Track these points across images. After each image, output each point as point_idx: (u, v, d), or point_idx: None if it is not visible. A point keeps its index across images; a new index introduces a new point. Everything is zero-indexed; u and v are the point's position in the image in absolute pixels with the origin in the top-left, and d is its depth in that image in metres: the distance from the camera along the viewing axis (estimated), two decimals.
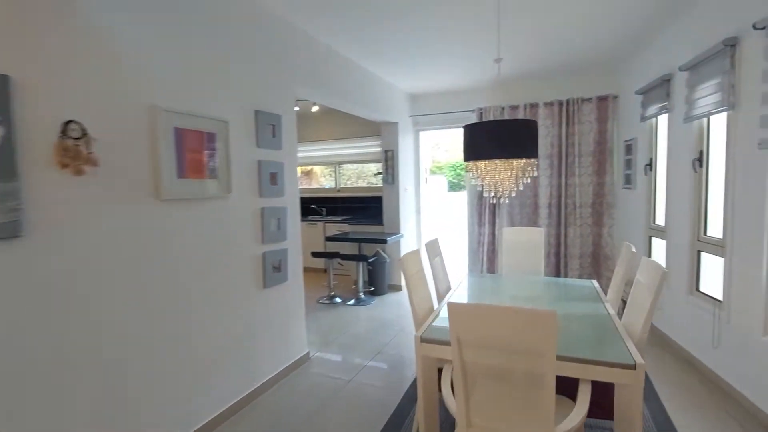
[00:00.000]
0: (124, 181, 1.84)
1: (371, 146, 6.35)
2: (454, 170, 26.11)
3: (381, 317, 4.15)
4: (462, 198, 5.91)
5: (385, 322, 3.98)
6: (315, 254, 4.76)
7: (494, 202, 2.08)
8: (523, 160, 2.00)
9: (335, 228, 6.09)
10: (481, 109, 4.91)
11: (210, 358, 2.27)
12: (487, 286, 2.78)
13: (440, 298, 2.52)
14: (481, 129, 2.05)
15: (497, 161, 2.02)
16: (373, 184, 6.74)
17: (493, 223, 4.98)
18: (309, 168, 7.28)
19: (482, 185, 2.18)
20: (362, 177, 8.17)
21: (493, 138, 1.99)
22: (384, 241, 4.58)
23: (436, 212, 6.09)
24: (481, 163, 2.07)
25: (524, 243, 3.21)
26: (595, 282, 2.67)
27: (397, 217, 5.10)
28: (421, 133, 5.63)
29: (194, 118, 2.15)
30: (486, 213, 4.97)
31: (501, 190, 2.09)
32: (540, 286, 2.68)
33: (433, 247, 2.66)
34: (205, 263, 2.26)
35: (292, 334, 2.98)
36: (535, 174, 2.05)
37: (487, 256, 5.00)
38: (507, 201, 4.85)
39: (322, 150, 6.80)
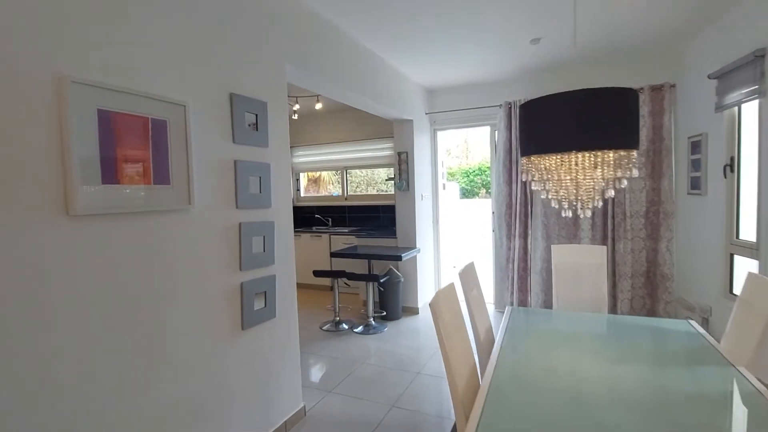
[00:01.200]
0: (7, 189, 1.19)
1: (382, 149, 5.69)
2: (467, 176, 25.49)
3: (395, 351, 3.44)
4: (477, 206, 5.24)
5: (400, 359, 3.27)
6: (318, 273, 4.09)
7: (568, 215, 1.39)
8: (621, 152, 1.30)
9: (342, 241, 5.41)
10: (509, 103, 4.22)
11: None
12: (541, 331, 2.07)
13: (482, 353, 1.82)
14: (551, 106, 1.36)
15: (578, 155, 1.32)
16: (383, 191, 6.08)
17: (525, 236, 4.26)
18: (317, 174, 6.64)
19: (546, 191, 1.48)
20: (372, 184, 7.51)
21: (572, 118, 1.30)
22: (398, 258, 3.89)
23: (450, 223, 5.39)
24: (551, 159, 1.38)
25: (581, 266, 2.49)
26: (694, 324, 1.94)
27: (413, 228, 4.41)
28: (439, 133, 4.96)
29: (132, 98, 1.51)
30: (517, 223, 4.25)
31: (581, 199, 1.39)
32: (615, 332, 1.96)
33: (469, 276, 1.97)
34: (150, 305, 1.59)
35: (283, 386, 2.30)
36: (635, 174, 1.35)
37: (518, 274, 4.27)
38: (543, 211, 4.14)
39: (327, 154, 6.16)
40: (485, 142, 4.74)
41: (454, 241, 5.44)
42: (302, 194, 6.60)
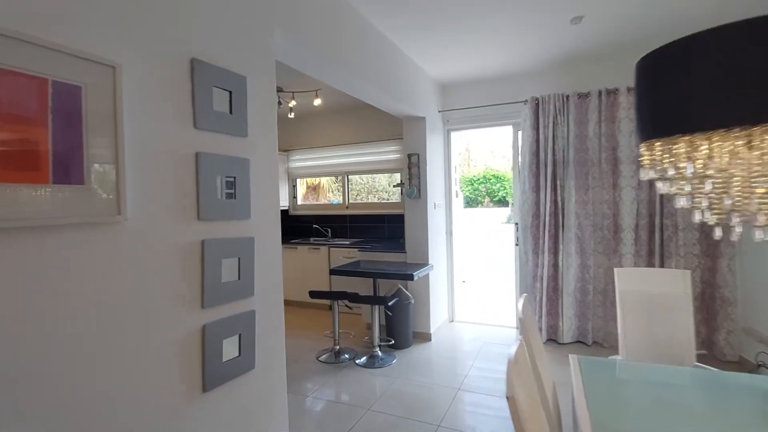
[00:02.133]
0: None
1: (387, 152, 5.13)
2: (472, 184, 24.94)
3: (407, 392, 2.84)
4: (483, 215, 4.64)
5: (413, 404, 2.67)
6: (315, 294, 3.50)
7: (718, 235, 0.82)
8: None
9: (343, 254, 4.83)
10: (536, 98, 3.67)
11: None
12: (626, 400, 1.49)
13: (552, 424, 1.23)
14: (713, 48, 0.79)
15: (742, 132, 0.75)
16: (384, 199, 5.53)
17: (555, 251, 3.68)
18: (317, 181, 6.09)
19: (686, 195, 0.91)
20: (372, 191, 6.95)
21: (734, 70, 0.74)
22: (409, 277, 3.31)
23: (459, 234, 4.81)
24: (709, 141, 0.81)
25: (656, 297, 1.91)
26: None
27: (424, 242, 3.83)
28: (453, 134, 4.41)
29: (18, 47, 0.94)
30: (545, 236, 3.67)
31: (753, 210, 0.82)
32: (730, 404, 1.37)
33: (528, 320, 1.38)
34: (48, 373, 1.01)
35: None
36: None
37: (547, 296, 3.68)
38: (576, 222, 3.56)
39: (327, 158, 5.60)
40: (491, 146, 4.20)
41: (461, 253, 4.88)
42: (299, 202, 6.03)
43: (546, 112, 3.64)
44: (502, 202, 23.87)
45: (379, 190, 7.15)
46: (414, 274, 3.31)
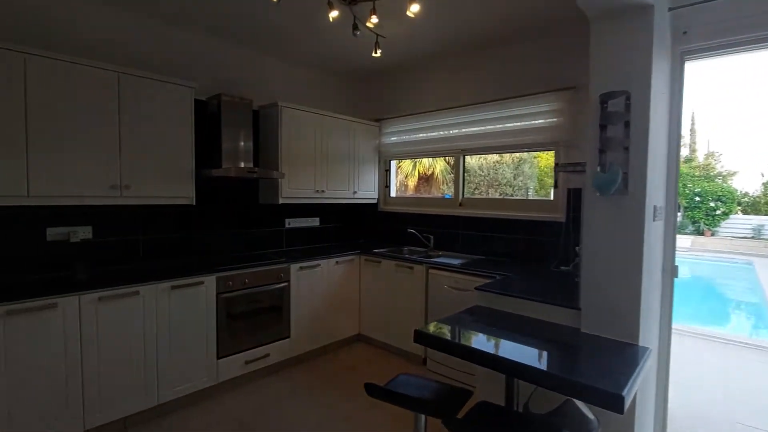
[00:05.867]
0: None
1: (532, 115, 3.04)
2: (704, 185, 12.40)
3: None
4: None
5: None
6: (373, 392, 1.70)
7: None
8: None
9: (449, 282, 2.94)
10: None
11: None
12: None
13: None
14: None
15: None
16: (507, 195, 3.44)
17: None
18: (430, 169, 4.30)
19: None
20: (493, 185, 4.83)
21: None
22: (612, 403, 1.26)
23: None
24: None
25: None
26: None
27: (634, 293, 1.70)
28: (690, 64, 2.12)
29: None
30: None
31: None
32: None
33: None
34: None
35: None
36: None
37: None
38: None
39: (434, 130, 3.73)
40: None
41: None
42: (392, 194, 4.29)
43: None
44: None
45: (502, 183, 5.01)
46: (623, 393, 1.24)
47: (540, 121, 2.98)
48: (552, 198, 2.98)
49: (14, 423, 1.94)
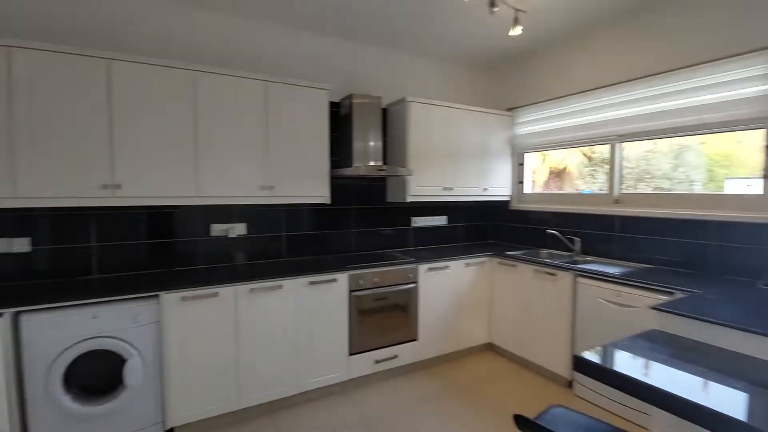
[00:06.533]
0: None
1: (735, 80, 2.33)
2: None
3: None
4: None
5: None
6: (523, 424, 1.43)
7: None
8: None
9: (603, 293, 2.47)
10: None
11: None
12: None
13: None
14: None
15: None
16: (664, 189, 2.65)
17: None
18: (562, 164, 3.79)
19: None
20: (643, 179, 3.93)
21: None
22: None
23: None
24: None
25: None
26: None
27: None
28: None
29: None
30: None
31: None
32: None
33: None
34: None
35: None
36: None
37: None
38: None
39: (580, 114, 3.21)
40: None
41: None
42: (527, 190, 3.87)
43: None
44: None
45: (655, 176, 4.10)
46: None
47: (745, 90, 2.27)
48: (762, 192, 2.24)
49: (192, 393, 2.23)
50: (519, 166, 3.84)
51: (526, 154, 3.84)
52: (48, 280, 2.31)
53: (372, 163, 3.10)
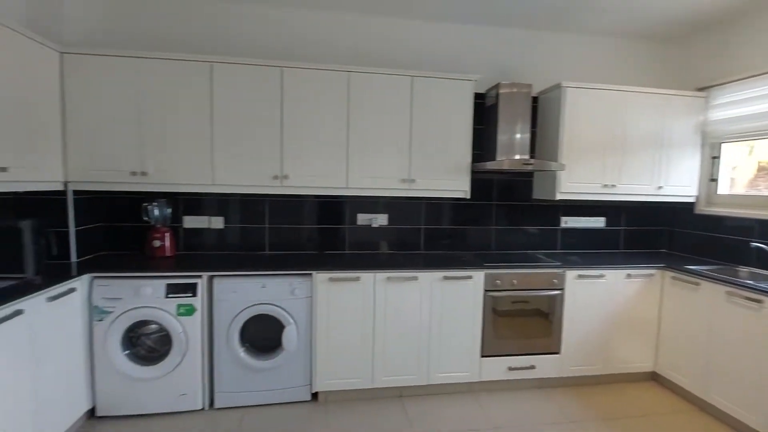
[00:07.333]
0: None
1: None
2: None
3: None
4: None
5: None
6: None
7: None
8: None
9: None
10: None
11: None
12: None
13: None
14: None
15: None
16: None
17: None
18: None
19: None
20: None
21: None
22: None
23: None
24: None
25: None
26: None
27: None
28: None
29: None
30: None
31: None
32: None
33: None
34: None
35: None
36: None
37: None
38: None
39: None
40: None
41: None
42: (723, 190, 3.06)
43: None
44: None
45: None
46: None
47: None
48: None
49: (334, 365, 2.48)
50: (713, 159, 3.07)
51: (723, 145, 3.03)
52: (234, 253, 2.85)
53: (517, 157, 2.88)
